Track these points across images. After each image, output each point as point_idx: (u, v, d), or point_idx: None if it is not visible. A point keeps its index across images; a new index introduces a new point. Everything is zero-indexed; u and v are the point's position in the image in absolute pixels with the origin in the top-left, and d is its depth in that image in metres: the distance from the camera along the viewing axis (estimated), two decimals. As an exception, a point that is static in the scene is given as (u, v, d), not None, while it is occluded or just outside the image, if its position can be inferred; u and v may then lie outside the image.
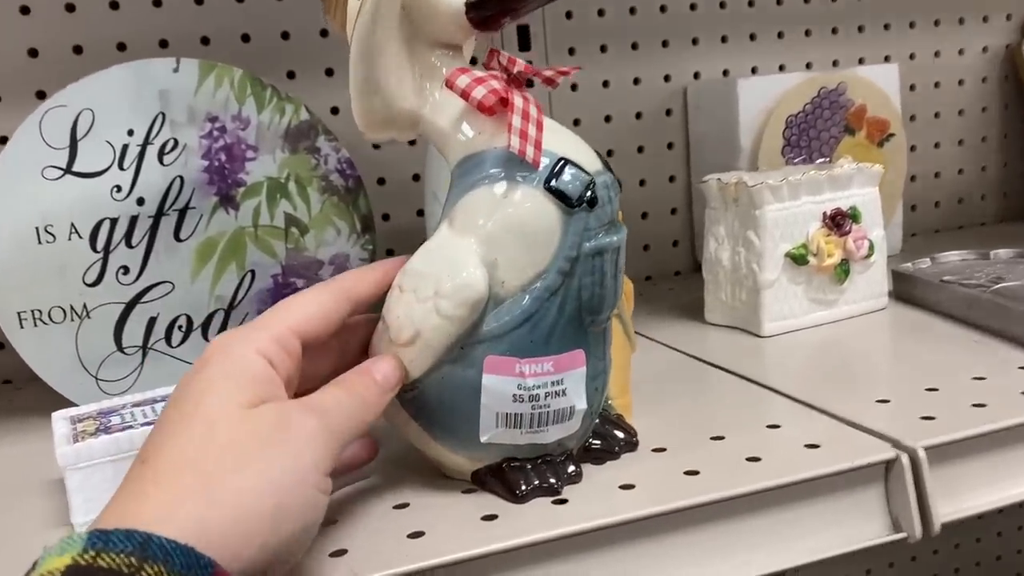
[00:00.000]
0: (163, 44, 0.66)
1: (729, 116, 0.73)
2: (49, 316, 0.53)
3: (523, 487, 0.37)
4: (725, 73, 0.81)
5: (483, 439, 0.36)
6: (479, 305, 0.34)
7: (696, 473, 0.38)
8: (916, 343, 0.55)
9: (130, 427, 0.38)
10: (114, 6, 0.65)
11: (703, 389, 0.50)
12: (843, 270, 0.58)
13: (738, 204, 0.58)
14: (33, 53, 0.64)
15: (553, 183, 0.34)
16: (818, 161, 0.73)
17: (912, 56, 0.88)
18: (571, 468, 0.38)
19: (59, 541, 0.26)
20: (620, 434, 0.40)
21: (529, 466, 0.37)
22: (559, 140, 0.36)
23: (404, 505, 0.38)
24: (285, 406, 0.32)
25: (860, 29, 0.85)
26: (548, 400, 0.36)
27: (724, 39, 0.81)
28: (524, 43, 0.74)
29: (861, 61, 0.86)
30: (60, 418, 0.41)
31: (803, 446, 0.40)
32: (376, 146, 0.71)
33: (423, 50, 0.37)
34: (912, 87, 0.88)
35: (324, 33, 0.69)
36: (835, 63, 0.85)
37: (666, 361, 0.55)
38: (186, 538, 0.26)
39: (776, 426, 0.43)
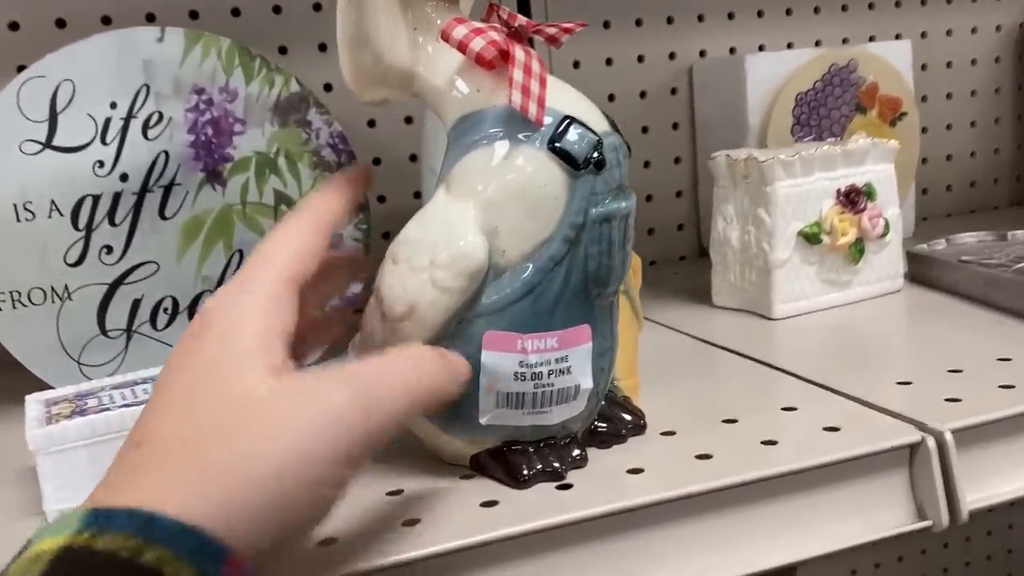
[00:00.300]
0: (150, 18, 0.63)
1: (736, 94, 0.71)
2: (29, 298, 0.51)
3: (525, 472, 0.34)
4: (732, 51, 0.79)
5: (482, 421, 0.34)
6: (478, 275, 0.32)
7: (709, 457, 0.36)
8: (935, 325, 0.52)
9: (107, 409, 0.36)
10: (99, -22, 0.62)
11: (712, 371, 0.48)
12: (858, 249, 0.56)
13: (748, 181, 0.55)
14: (14, 26, 0.61)
15: (558, 143, 0.32)
16: (829, 140, 0.71)
17: (924, 35, 0.85)
18: (575, 451, 0.36)
19: (56, 519, 0.23)
20: (627, 416, 0.38)
21: (531, 449, 0.35)
22: (564, 98, 0.33)
23: (398, 492, 0.35)
24: (305, 378, 0.28)
25: (871, 6, 0.83)
26: (552, 378, 0.33)
27: (731, 16, 0.78)
28: (525, 15, 0.72)
29: (872, 39, 0.83)
30: (34, 401, 0.39)
31: (822, 429, 0.37)
32: (371, 124, 0.69)
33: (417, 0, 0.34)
34: (924, 67, 0.85)
35: (317, 7, 0.67)
36: (845, 41, 0.82)
37: (673, 344, 0.53)
38: (191, 522, 0.23)
39: (792, 408, 0.40)
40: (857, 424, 0.38)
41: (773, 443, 0.36)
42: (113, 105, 0.51)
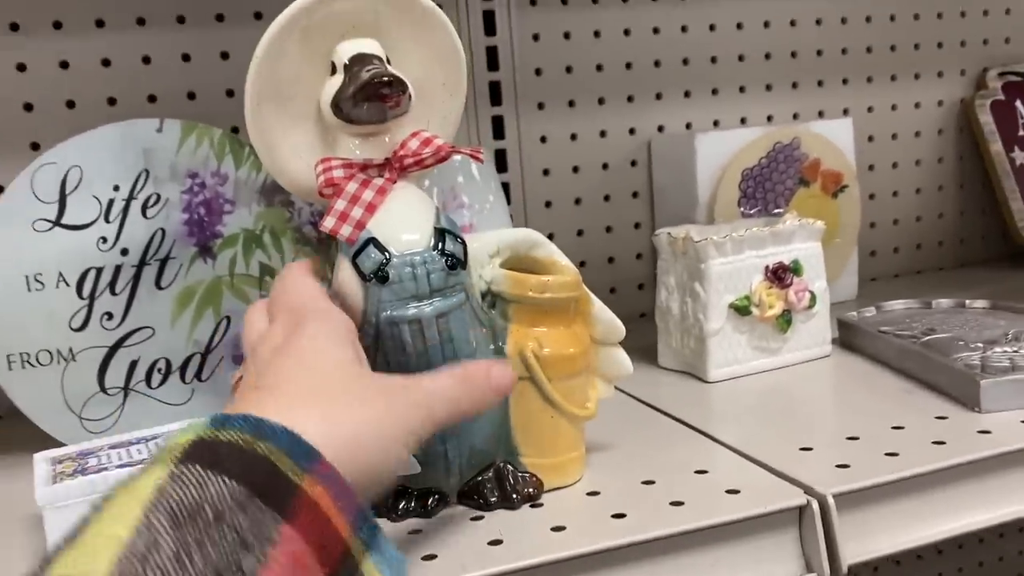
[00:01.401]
0: (151, 99, 0.70)
1: (688, 169, 0.77)
2: (37, 359, 0.57)
3: (389, 504, 0.43)
4: (688, 126, 0.85)
5: None
6: None
7: (623, 516, 0.41)
8: (851, 392, 0.58)
9: (105, 469, 0.42)
10: (105, 63, 0.69)
11: (648, 434, 0.53)
12: (785, 320, 0.62)
13: (686, 257, 0.62)
14: (28, 107, 0.68)
15: (356, 259, 0.40)
16: (774, 212, 0.77)
17: (870, 109, 0.92)
18: (432, 500, 0.43)
19: (182, 426, 0.30)
20: (504, 488, 0.43)
21: (393, 491, 0.43)
22: (391, 222, 0.40)
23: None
24: (392, 377, 0.37)
25: (820, 83, 0.90)
26: None
27: (687, 94, 0.85)
28: (496, 98, 0.78)
29: (821, 114, 0.90)
30: (41, 459, 0.44)
31: (724, 491, 0.43)
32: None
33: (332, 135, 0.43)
34: (870, 138, 0.92)
35: (304, 89, 0.73)
36: (796, 116, 0.89)
37: (619, 405, 0.59)
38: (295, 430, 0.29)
39: (704, 471, 0.46)
40: (757, 487, 0.43)
41: (680, 503, 0.42)
42: (116, 188, 0.57)
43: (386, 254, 0.40)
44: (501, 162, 0.79)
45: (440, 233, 0.41)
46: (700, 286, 0.60)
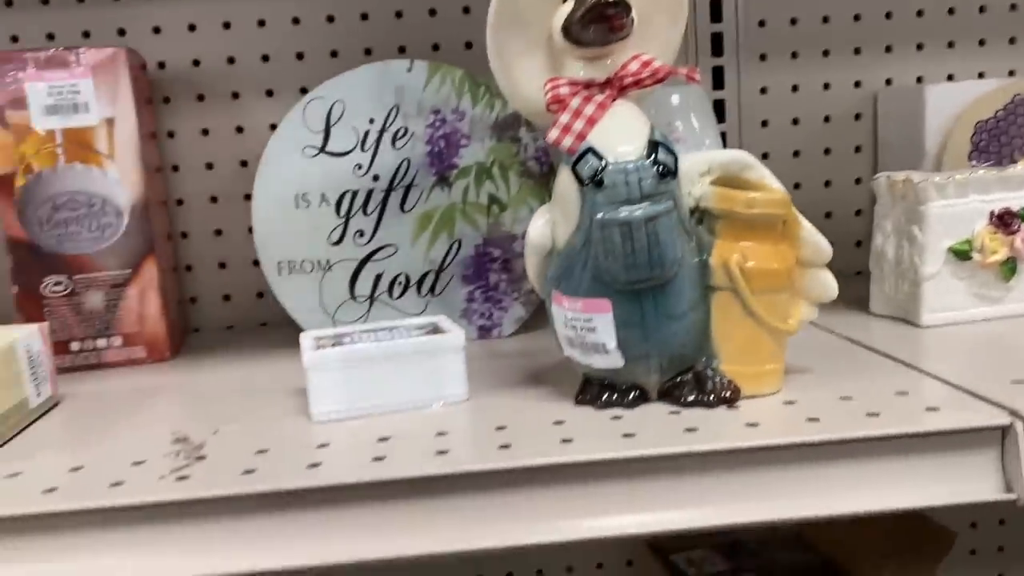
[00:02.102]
0: (401, 49, 0.78)
1: (916, 122, 0.76)
2: (301, 267, 0.66)
3: (580, 396, 0.48)
4: (919, 80, 0.83)
5: (563, 352, 0.48)
6: (539, 251, 0.48)
7: (817, 420, 0.43)
8: (1079, 341, 0.56)
9: (356, 343, 0.49)
10: (364, 17, 0.77)
11: (851, 364, 0.54)
12: (1009, 268, 0.60)
13: (905, 200, 0.61)
14: (300, 56, 0.78)
15: (575, 166, 0.44)
16: (1008, 167, 0.74)
17: None
18: (632, 395, 0.47)
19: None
20: (703, 388, 0.47)
21: (597, 385, 0.48)
22: (608, 134, 0.44)
23: (502, 427, 0.46)
24: None
25: (1073, 37, 0.84)
26: (584, 332, 0.46)
27: (920, 47, 0.82)
28: (717, 49, 0.80)
29: (1072, 69, 0.84)
30: (307, 336, 0.53)
31: (924, 409, 0.44)
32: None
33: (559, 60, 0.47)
34: None
35: (535, 40, 0.79)
36: (1042, 71, 0.84)
37: (824, 342, 0.60)
38: None
39: (905, 392, 0.47)
40: (958, 407, 0.44)
41: (877, 414, 0.43)
42: (371, 120, 0.65)
43: (603, 162, 0.44)
44: (720, 113, 0.81)
45: (653, 144, 0.44)
46: (918, 229, 0.60)
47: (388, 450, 0.43)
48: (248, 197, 0.79)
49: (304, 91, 0.77)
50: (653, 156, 0.44)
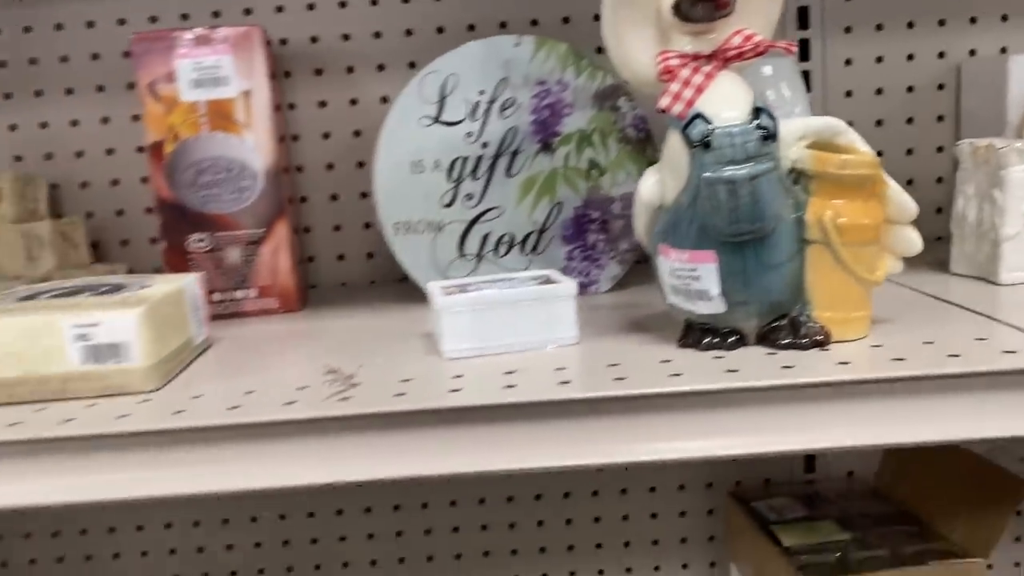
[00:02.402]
0: (503, 25, 0.83)
1: (999, 91, 0.78)
2: (415, 227, 0.72)
3: (686, 340, 0.54)
4: (1003, 50, 0.85)
5: (667, 301, 0.53)
6: (649, 207, 0.54)
7: (902, 360, 0.48)
8: None
9: (479, 290, 0.55)
10: (469, -4, 0.83)
11: (932, 316, 0.58)
12: (1088, 229, 0.63)
13: (987, 165, 0.65)
14: (409, 32, 0.84)
15: (685, 130, 0.49)
16: (1090, 134, 0.76)
17: None
18: (732, 339, 0.52)
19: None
20: (797, 332, 0.52)
21: (699, 329, 0.53)
22: (715, 102, 0.50)
23: (614, 364, 0.51)
24: None
25: None
26: (689, 281, 0.51)
27: (1004, 18, 0.85)
28: (803, 22, 0.84)
29: None
30: (435, 285, 0.59)
31: (1001, 352, 0.48)
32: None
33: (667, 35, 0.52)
34: None
35: (629, 16, 0.83)
36: None
37: (907, 299, 0.64)
38: None
39: (984, 339, 0.51)
40: (1035, 352, 0.48)
41: (957, 355, 0.48)
42: (481, 92, 0.71)
43: (710, 125, 0.49)
44: (805, 84, 0.84)
45: (756, 111, 0.49)
46: (999, 192, 0.63)
47: (515, 380, 0.49)
48: (360, 165, 0.86)
49: (412, 65, 0.84)
50: (756, 121, 0.49)
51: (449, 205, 0.72)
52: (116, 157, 0.85)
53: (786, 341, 0.51)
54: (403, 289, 0.83)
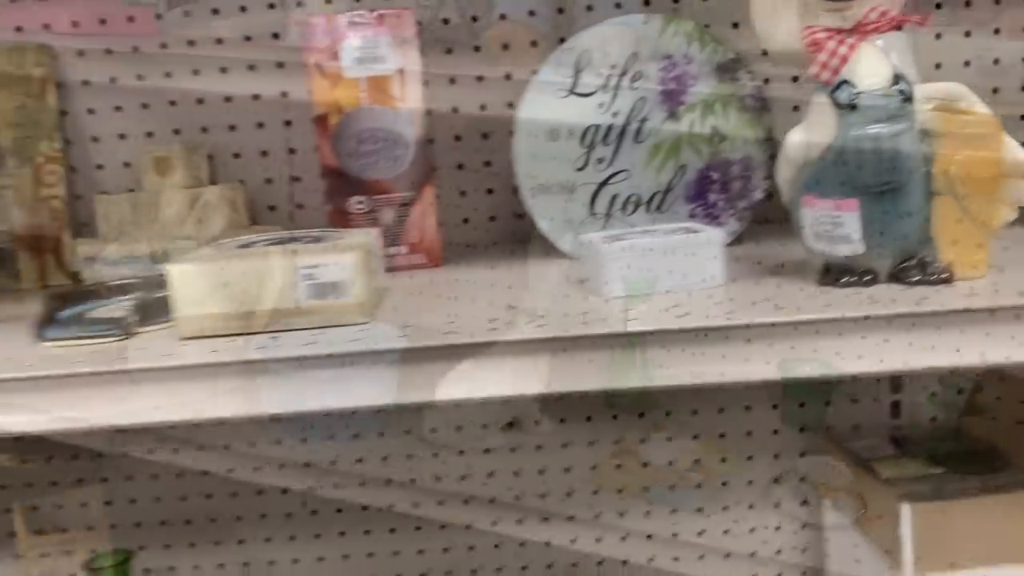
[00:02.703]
0: (646, 2, 0.90)
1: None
2: (551, 189, 0.81)
3: (825, 279, 0.61)
4: (1085, 23, 0.91)
5: (808, 244, 0.61)
6: (793, 161, 0.60)
7: (1022, 293, 0.55)
8: None
9: (633, 238, 0.63)
10: (587, -21, 0.91)
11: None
12: None
13: (1081, 127, 0.71)
14: (560, 11, 0.91)
15: (833, 94, 0.57)
16: None
17: None
18: (867, 277, 0.59)
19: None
20: (925, 271, 0.59)
21: (836, 268, 0.60)
22: (858, 69, 0.57)
23: (766, 299, 0.59)
24: None
25: None
26: (831, 227, 0.59)
27: (1087, -8, 0.91)
28: None
29: None
30: (592, 236, 0.67)
31: (1111, 285, 0.55)
32: (794, 79, 0.90)
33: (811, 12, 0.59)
34: None
35: None
36: None
37: (1019, 243, 0.70)
38: None
39: (1092, 276, 0.58)
40: None
41: (1072, 290, 0.55)
42: (613, 66, 0.79)
43: (856, 90, 0.56)
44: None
45: (895, 76, 0.57)
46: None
47: (682, 311, 0.57)
48: (485, 136, 0.94)
49: (563, 41, 0.91)
50: (896, 86, 0.56)
51: (581, 169, 0.80)
52: (266, 131, 0.94)
53: (916, 278, 0.59)
54: (526, 249, 0.91)
